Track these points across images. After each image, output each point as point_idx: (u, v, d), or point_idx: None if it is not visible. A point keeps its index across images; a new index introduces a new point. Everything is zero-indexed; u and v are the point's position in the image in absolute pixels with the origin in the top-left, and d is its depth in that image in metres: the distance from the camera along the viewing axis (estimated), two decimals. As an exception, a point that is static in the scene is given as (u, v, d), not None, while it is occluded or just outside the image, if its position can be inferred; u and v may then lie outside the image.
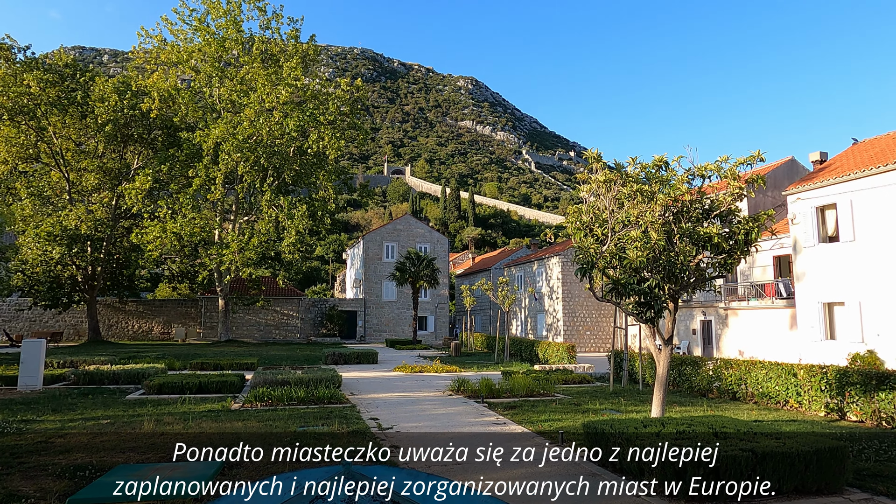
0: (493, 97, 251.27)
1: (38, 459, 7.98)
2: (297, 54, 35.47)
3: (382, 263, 46.31)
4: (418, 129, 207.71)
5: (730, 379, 14.22)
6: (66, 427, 10.18)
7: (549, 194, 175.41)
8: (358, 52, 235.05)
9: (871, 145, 21.18)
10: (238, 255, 32.10)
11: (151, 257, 33.93)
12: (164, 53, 35.74)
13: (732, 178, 10.05)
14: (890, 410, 10.80)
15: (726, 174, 10.05)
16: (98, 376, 16.27)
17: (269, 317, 43.54)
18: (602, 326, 37.63)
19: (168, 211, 33.70)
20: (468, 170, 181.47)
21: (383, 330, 45.94)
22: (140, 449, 8.60)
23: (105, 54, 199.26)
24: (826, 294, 19.58)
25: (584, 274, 8.87)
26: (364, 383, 17.25)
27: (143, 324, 43.39)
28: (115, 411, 11.84)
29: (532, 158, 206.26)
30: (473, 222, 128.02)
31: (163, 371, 17.76)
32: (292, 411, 11.88)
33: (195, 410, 11.85)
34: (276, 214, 34.02)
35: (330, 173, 35.36)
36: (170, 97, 35.19)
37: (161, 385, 14.23)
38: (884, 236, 17.76)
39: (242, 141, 32.03)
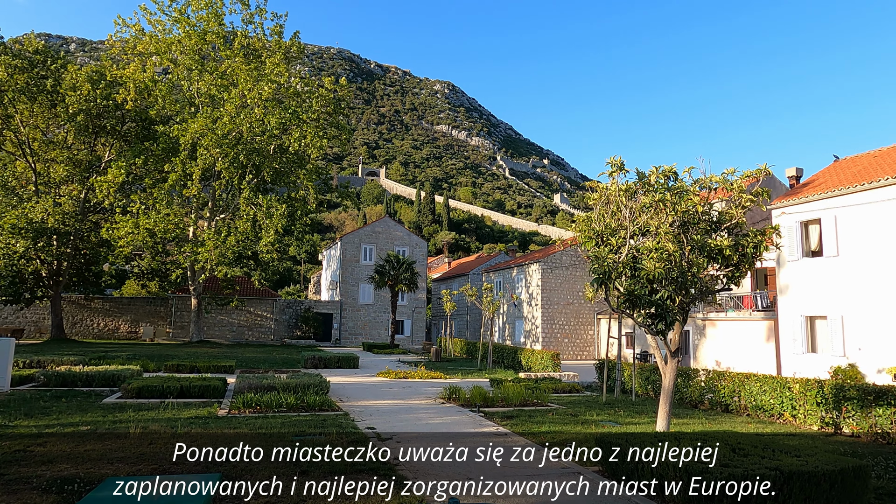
0: (469, 102, 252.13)
1: (18, 471, 7.39)
2: (280, 51, 34.76)
3: (360, 266, 45.71)
4: (394, 132, 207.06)
5: (723, 391, 14.23)
6: (44, 434, 9.53)
7: (523, 201, 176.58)
8: (335, 51, 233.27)
9: (853, 163, 21.64)
10: (214, 253, 31.19)
11: (123, 253, 32.74)
12: (142, 44, 34.64)
13: (739, 191, 10.02)
14: (887, 426, 10.87)
15: (732, 187, 10.02)
16: (70, 378, 15.45)
17: (243, 318, 42.51)
18: (580, 334, 37.74)
19: (141, 206, 32.58)
20: (443, 174, 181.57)
21: (359, 333, 45.30)
22: (129, 459, 8.06)
23: (72, 43, 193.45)
24: (809, 307, 19.87)
25: (600, 284, 8.67)
26: (351, 389, 16.79)
27: (110, 322, 41.90)
28: (94, 416, 11.19)
29: (506, 165, 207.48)
30: (447, 226, 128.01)
31: (138, 373, 17.00)
32: (283, 419, 11.40)
33: (180, 417, 11.28)
34: (254, 213, 33.21)
35: (310, 172, 34.69)
36: (146, 89, 34.09)
37: (140, 388, 13.55)
38: (868, 252, 18.10)
39: (222, 136, 31.19)
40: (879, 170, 19.07)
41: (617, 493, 7.31)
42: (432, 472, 8.01)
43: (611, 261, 8.47)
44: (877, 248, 17.88)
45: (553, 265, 37.32)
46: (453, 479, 7.73)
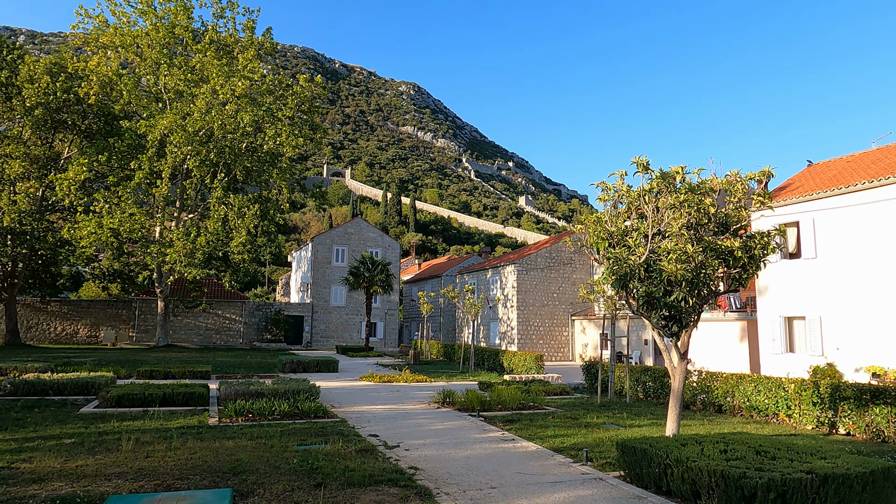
0: (434, 104, 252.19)
1: (8, 490, 6.76)
2: (253, 47, 33.83)
3: (332, 267, 44.92)
4: (359, 132, 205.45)
5: (717, 392, 14.33)
6: (25, 448, 8.84)
7: (489, 203, 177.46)
8: (298, 50, 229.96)
9: (826, 167, 22.26)
10: (184, 253, 30.07)
11: (85, 254, 31.28)
12: (106, 36, 33.22)
13: (744, 193, 10.05)
14: (883, 425, 11.08)
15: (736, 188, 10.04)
16: (39, 386, 14.53)
17: (210, 321, 41.22)
18: (555, 336, 37.91)
19: (105, 205, 31.19)
20: (409, 175, 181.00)
21: (331, 336, 44.50)
22: (127, 475, 7.49)
23: (21, 35, 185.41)
24: (788, 308, 20.30)
25: (622, 286, 8.52)
26: (339, 394, 16.30)
27: (68, 326, 40.07)
28: (75, 428, 10.47)
29: (472, 167, 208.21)
30: (414, 228, 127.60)
31: (112, 380, 16.14)
32: (280, 427, 10.91)
33: (169, 427, 10.67)
34: (225, 212, 32.19)
35: (284, 172, 33.85)
36: (110, 83, 32.70)
37: (120, 397, 12.81)
38: (845, 254, 18.59)
39: (193, 133, 30.12)
40: (854, 174, 19.64)
41: (649, 500, 7.14)
42: (454, 482, 7.71)
43: (632, 262, 8.33)
44: (854, 250, 18.38)
45: (528, 266, 37.39)
46: (478, 487, 7.45)
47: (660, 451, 7.49)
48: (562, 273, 38.16)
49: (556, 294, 37.92)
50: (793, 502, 6.33)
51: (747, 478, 6.39)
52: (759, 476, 6.39)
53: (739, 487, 6.37)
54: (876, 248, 17.78)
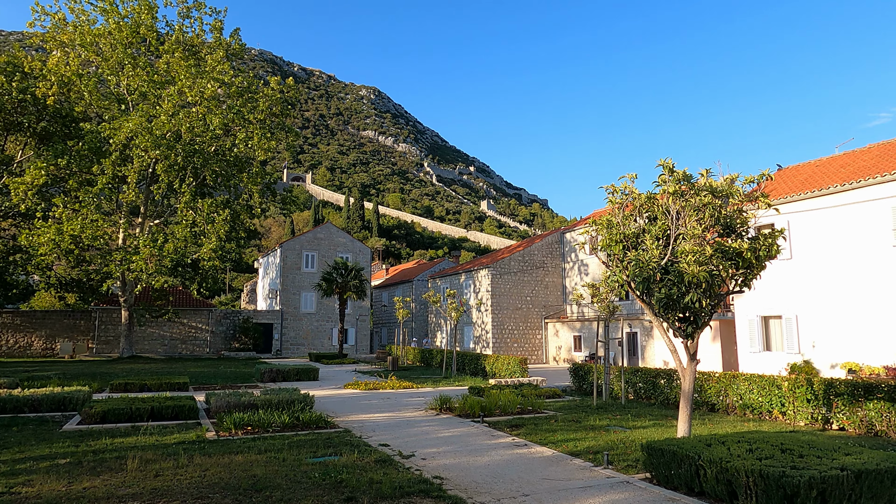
0: (395, 109, 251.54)
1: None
2: (222, 48, 32.95)
3: (301, 273, 44.07)
4: (319, 137, 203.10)
5: (710, 391, 14.58)
6: (19, 471, 8.23)
7: (451, 207, 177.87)
8: (256, 52, 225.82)
9: (797, 171, 23.05)
10: (152, 261, 28.95)
11: (45, 262, 29.77)
12: (65, 34, 31.80)
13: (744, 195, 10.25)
14: (877, 419, 11.44)
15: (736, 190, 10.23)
16: (12, 403, 13.65)
17: (176, 330, 39.84)
18: (528, 339, 38.11)
19: (65, 210, 29.78)
20: (370, 180, 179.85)
21: (301, 343, 43.63)
22: (143, 496, 7.05)
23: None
24: (765, 308, 20.89)
25: (645, 289, 8.54)
26: (330, 403, 15.90)
27: (21, 338, 38.07)
28: (64, 447, 9.85)
29: (434, 171, 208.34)
30: (377, 233, 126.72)
31: (88, 395, 15.32)
32: (285, 439, 10.52)
33: (168, 443, 10.16)
34: (193, 218, 31.17)
35: (255, 176, 33.03)
36: (70, 83, 31.29)
37: (105, 412, 12.13)
38: (820, 255, 19.26)
39: (160, 137, 29.07)
40: (825, 178, 20.39)
41: (682, 502, 7.13)
42: (483, 490, 7.54)
43: (654, 265, 8.35)
44: (828, 251, 19.06)
45: (502, 270, 37.51)
46: (510, 495, 7.31)
47: (690, 453, 7.51)
48: (535, 276, 38.42)
49: (529, 297, 38.14)
50: (832, 499, 6.41)
51: (788, 476, 6.44)
52: (800, 475, 6.45)
53: (781, 486, 6.41)
54: (849, 249, 18.48)
